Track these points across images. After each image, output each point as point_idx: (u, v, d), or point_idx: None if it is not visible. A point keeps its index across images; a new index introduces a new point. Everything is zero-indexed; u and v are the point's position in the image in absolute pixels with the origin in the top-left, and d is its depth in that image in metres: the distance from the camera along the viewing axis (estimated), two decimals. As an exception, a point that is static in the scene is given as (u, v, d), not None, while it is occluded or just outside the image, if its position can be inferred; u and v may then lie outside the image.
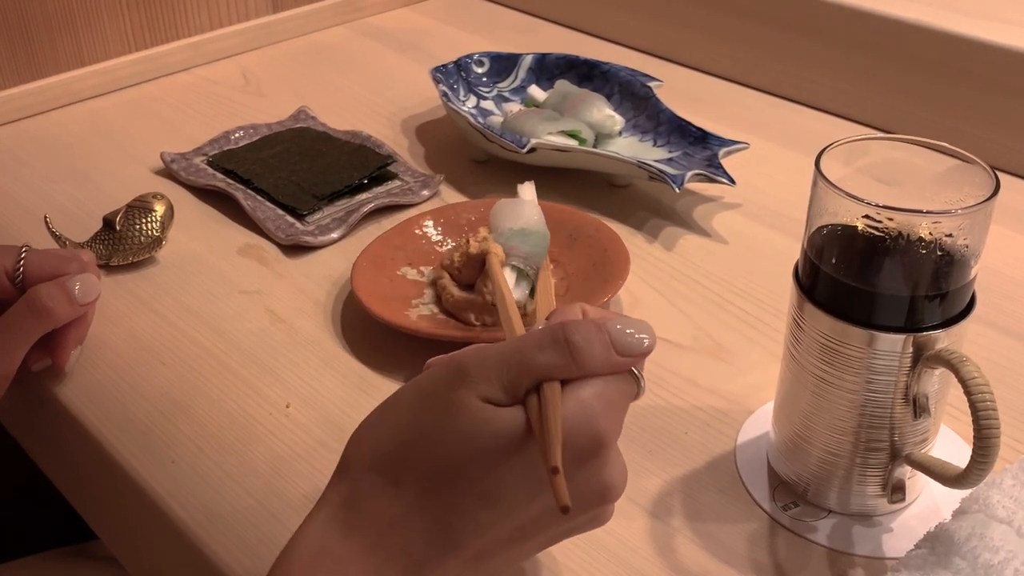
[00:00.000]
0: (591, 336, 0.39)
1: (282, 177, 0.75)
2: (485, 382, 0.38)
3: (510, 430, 0.38)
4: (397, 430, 0.40)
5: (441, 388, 0.39)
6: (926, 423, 0.46)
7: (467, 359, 0.39)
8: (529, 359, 0.39)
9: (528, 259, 0.58)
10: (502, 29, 1.06)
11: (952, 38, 0.79)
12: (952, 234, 0.42)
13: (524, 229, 0.59)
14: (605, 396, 0.39)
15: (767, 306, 0.64)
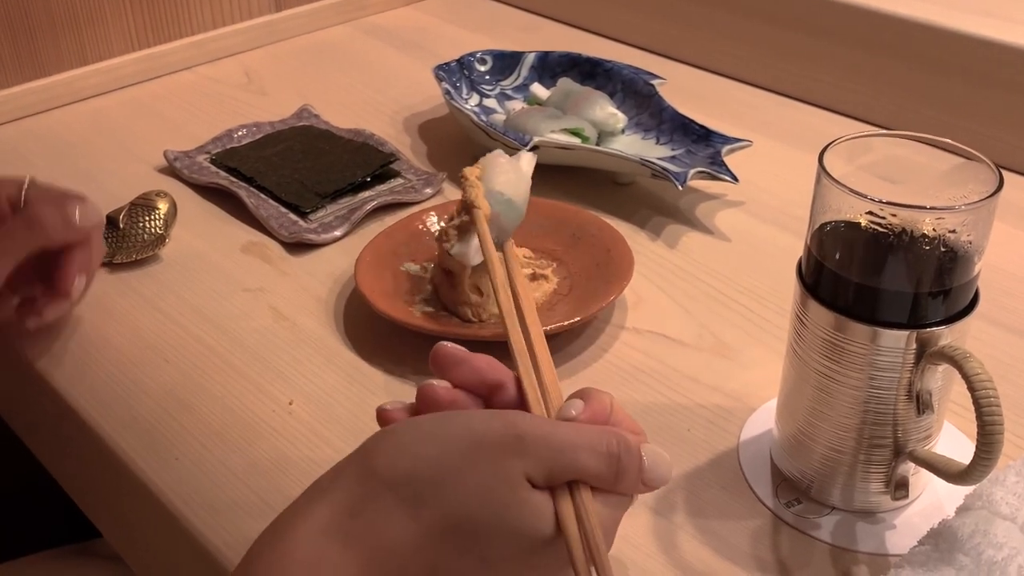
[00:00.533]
0: (636, 462, 0.40)
1: (285, 175, 0.75)
2: (536, 461, 0.38)
3: (541, 519, 0.38)
4: (437, 466, 0.38)
5: (495, 448, 0.38)
6: (929, 420, 0.46)
7: (527, 429, 0.39)
8: (582, 461, 0.39)
9: (500, 233, 0.55)
10: (505, 27, 1.06)
11: (957, 36, 0.79)
12: (956, 230, 0.42)
13: (510, 201, 0.56)
14: (615, 518, 0.41)
15: (770, 303, 0.64)
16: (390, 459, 0.39)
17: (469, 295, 0.61)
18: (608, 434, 0.40)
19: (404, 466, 0.39)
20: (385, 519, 0.38)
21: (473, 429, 0.39)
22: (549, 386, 0.44)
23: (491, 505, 0.38)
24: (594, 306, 0.60)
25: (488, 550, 0.38)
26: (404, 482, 0.38)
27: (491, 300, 0.61)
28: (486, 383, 0.44)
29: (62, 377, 0.59)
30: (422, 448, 0.39)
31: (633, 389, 0.57)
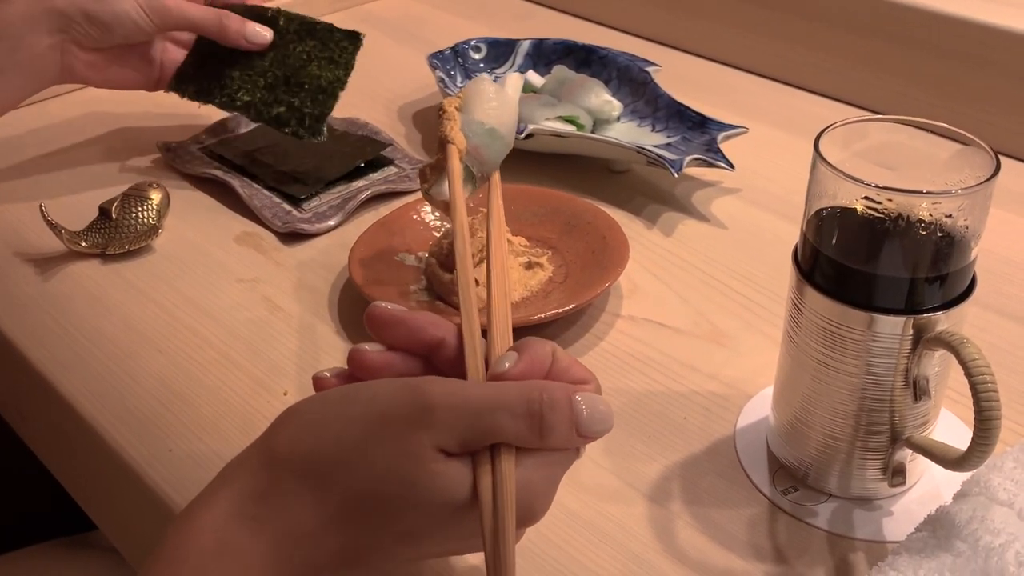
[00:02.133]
0: (563, 416, 0.38)
1: (278, 165, 0.75)
2: (447, 431, 0.37)
3: (455, 490, 0.37)
4: (339, 446, 0.37)
5: (400, 422, 0.37)
6: (926, 406, 0.46)
7: (434, 399, 0.37)
8: (498, 424, 0.37)
9: (482, 166, 0.53)
10: (499, 15, 1.05)
11: (955, 20, 0.78)
12: (952, 215, 0.42)
13: (493, 131, 0.53)
14: (551, 476, 0.39)
15: (766, 291, 0.64)
16: (292, 441, 0.38)
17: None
18: (529, 390, 0.38)
19: (307, 447, 0.38)
20: (290, 503, 0.37)
21: (377, 403, 0.38)
22: (499, 338, 0.42)
23: (398, 482, 0.37)
24: (589, 294, 0.59)
25: (401, 525, 0.37)
26: (307, 464, 0.37)
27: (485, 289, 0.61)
28: (425, 342, 0.42)
29: (55, 368, 0.58)
30: (325, 428, 0.38)
31: (629, 377, 0.57)
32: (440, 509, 0.37)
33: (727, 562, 0.46)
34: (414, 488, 0.36)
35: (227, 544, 0.36)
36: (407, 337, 0.42)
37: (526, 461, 0.38)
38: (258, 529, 0.37)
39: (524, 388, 0.38)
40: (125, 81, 0.74)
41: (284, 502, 0.37)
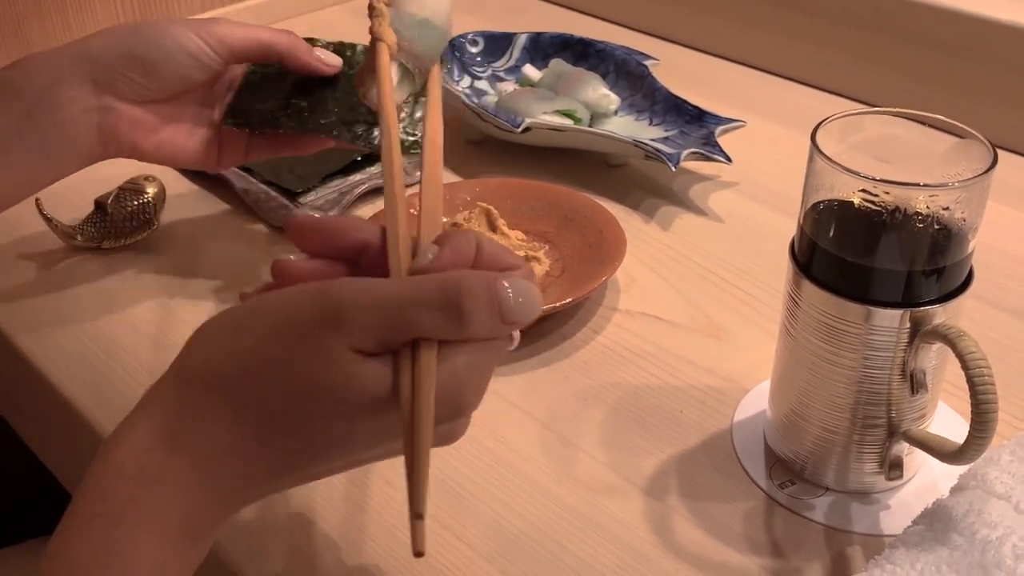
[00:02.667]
0: (482, 303, 0.36)
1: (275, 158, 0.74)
2: (361, 331, 0.35)
3: (375, 388, 0.36)
4: (252, 358, 0.36)
5: (310, 327, 0.35)
6: (923, 399, 0.46)
7: (346, 300, 0.35)
8: (413, 319, 0.35)
9: (419, 60, 0.50)
10: (496, 8, 1.05)
11: (951, 14, 0.78)
12: (949, 208, 0.42)
13: (427, 21, 0.51)
14: (478, 364, 0.37)
15: (763, 285, 0.64)
16: (205, 358, 0.37)
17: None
18: (444, 280, 0.36)
19: (219, 363, 0.37)
20: (209, 420, 0.36)
21: (287, 311, 0.36)
22: (424, 236, 0.40)
23: (315, 388, 0.35)
24: (586, 288, 0.59)
25: (327, 431, 0.36)
26: (221, 380, 0.36)
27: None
28: (348, 246, 0.40)
29: (50, 362, 0.58)
30: (236, 341, 0.37)
31: (625, 371, 0.57)
32: (363, 411, 0.36)
33: (724, 556, 0.46)
34: (333, 392, 0.35)
35: (149, 469, 0.36)
36: (329, 242, 0.41)
37: (451, 352, 0.36)
38: (179, 449, 0.36)
39: (439, 279, 0.36)
40: (181, 148, 0.59)
41: (203, 420, 0.36)
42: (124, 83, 0.55)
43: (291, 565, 0.46)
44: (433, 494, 0.49)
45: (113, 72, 0.55)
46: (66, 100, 0.54)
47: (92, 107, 0.55)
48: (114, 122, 0.56)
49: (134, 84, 0.55)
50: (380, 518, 0.48)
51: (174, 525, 0.36)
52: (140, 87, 0.56)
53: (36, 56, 0.55)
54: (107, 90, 0.55)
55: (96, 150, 0.56)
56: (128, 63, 0.55)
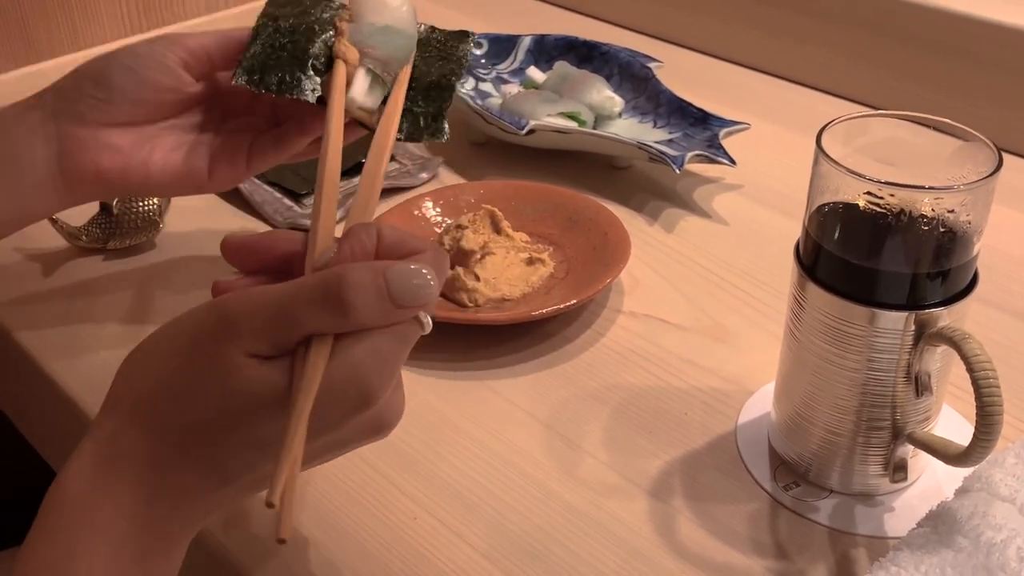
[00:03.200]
0: (368, 291, 0.37)
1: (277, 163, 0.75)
2: (252, 337, 0.37)
3: (274, 389, 0.37)
4: (159, 379, 0.38)
5: (207, 340, 0.37)
6: (928, 402, 0.46)
7: (235, 309, 0.37)
8: (299, 317, 0.37)
9: (388, 64, 0.51)
10: (500, 11, 1.05)
11: (957, 17, 0.78)
12: (954, 210, 0.42)
13: (388, 28, 0.51)
14: (379, 352, 0.37)
15: (768, 287, 0.64)
16: (127, 385, 0.39)
17: (465, 280, 0.60)
18: (326, 276, 0.37)
19: (137, 387, 0.39)
20: (137, 441, 0.38)
21: (187, 331, 0.38)
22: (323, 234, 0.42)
23: (223, 399, 0.37)
24: (591, 290, 0.59)
25: (245, 436, 0.37)
26: (138, 404, 0.38)
27: (487, 285, 0.61)
28: (279, 258, 0.42)
29: (55, 362, 0.58)
30: (148, 366, 0.39)
31: (630, 373, 0.57)
32: (267, 412, 0.37)
33: (728, 558, 0.46)
34: (236, 398, 0.37)
35: (91, 490, 0.37)
36: (262, 258, 0.42)
37: (349, 344, 0.37)
38: (115, 470, 0.37)
39: (322, 274, 0.38)
40: (157, 169, 0.54)
41: (131, 441, 0.38)
42: (84, 106, 0.52)
43: (294, 562, 0.47)
44: (436, 493, 0.49)
45: (71, 96, 0.52)
46: (23, 132, 0.52)
47: (51, 134, 0.52)
48: (74, 146, 0.52)
49: (95, 104, 0.52)
50: (384, 517, 0.48)
51: (120, 539, 0.37)
52: (102, 107, 0.52)
53: (5, 107, 0.53)
54: (67, 116, 0.52)
55: (57, 180, 0.52)
56: (85, 84, 0.52)
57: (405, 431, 0.53)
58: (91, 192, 0.54)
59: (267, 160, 0.57)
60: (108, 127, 0.52)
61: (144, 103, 0.53)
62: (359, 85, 0.51)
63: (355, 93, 0.51)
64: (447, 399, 0.55)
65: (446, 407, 0.55)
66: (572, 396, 0.55)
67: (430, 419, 0.54)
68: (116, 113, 0.52)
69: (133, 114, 0.53)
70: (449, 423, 0.54)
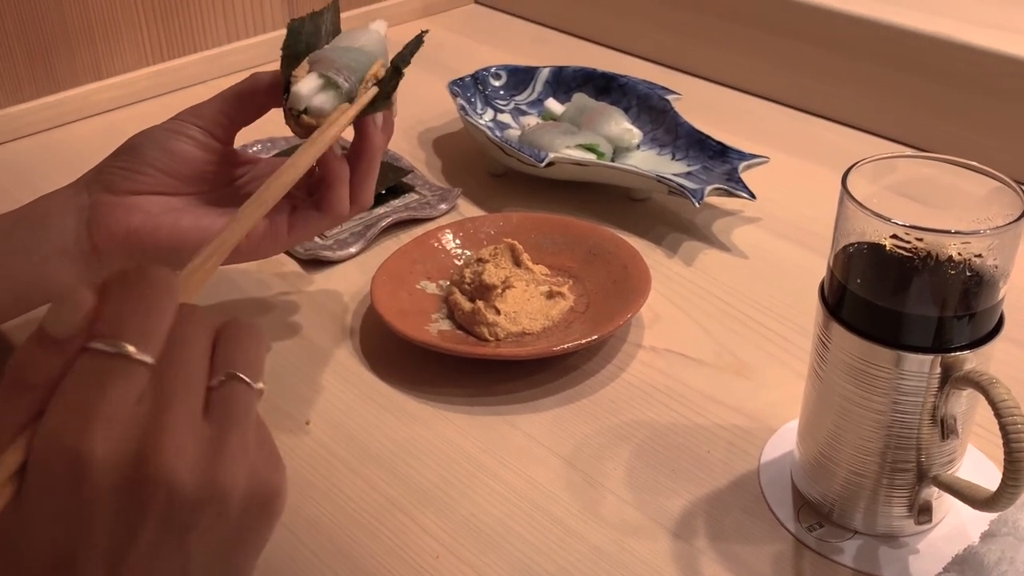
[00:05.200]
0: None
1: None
2: None
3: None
4: None
5: None
6: (953, 444, 0.46)
7: None
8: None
9: (339, 71, 0.52)
10: (519, 41, 1.06)
11: (976, 51, 0.78)
12: (981, 255, 0.42)
13: (348, 47, 0.53)
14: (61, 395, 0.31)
15: (789, 322, 0.63)
16: None
17: (485, 314, 0.60)
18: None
19: None
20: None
21: None
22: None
23: None
24: (611, 324, 0.59)
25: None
26: None
27: (508, 319, 0.61)
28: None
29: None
30: None
31: (652, 409, 0.57)
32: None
33: (752, 600, 0.46)
34: None
35: None
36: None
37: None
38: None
39: None
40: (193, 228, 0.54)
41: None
42: (115, 176, 0.54)
43: None
44: (457, 531, 0.49)
45: (103, 169, 0.55)
46: (56, 202, 0.54)
47: (83, 204, 0.54)
48: (104, 210, 0.53)
49: (125, 175, 0.54)
50: (406, 555, 0.48)
51: None
52: (132, 176, 0.54)
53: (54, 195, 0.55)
54: (98, 186, 0.54)
55: (84, 243, 0.53)
56: (116, 158, 0.55)
57: (425, 465, 0.53)
58: (120, 254, 0.54)
59: (310, 225, 0.56)
60: (139, 194, 0.54)
61: (173, 173, 0.55)
62: (306, 83, 0.53)
63: (298, 87, 0.53)
64: (467, 434, 0.55)
65: (466, 442, 0.55)
66: (593, 432, 0.55)
67: (450, 454, 0.54)
68: (146, 182, 0.54)
69: (163, 184, 0.55)
70: (469, 458, 0.54)
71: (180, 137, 0.55)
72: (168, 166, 0.54)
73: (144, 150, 0.54)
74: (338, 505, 0.51)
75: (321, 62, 0.54)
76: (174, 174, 0.55)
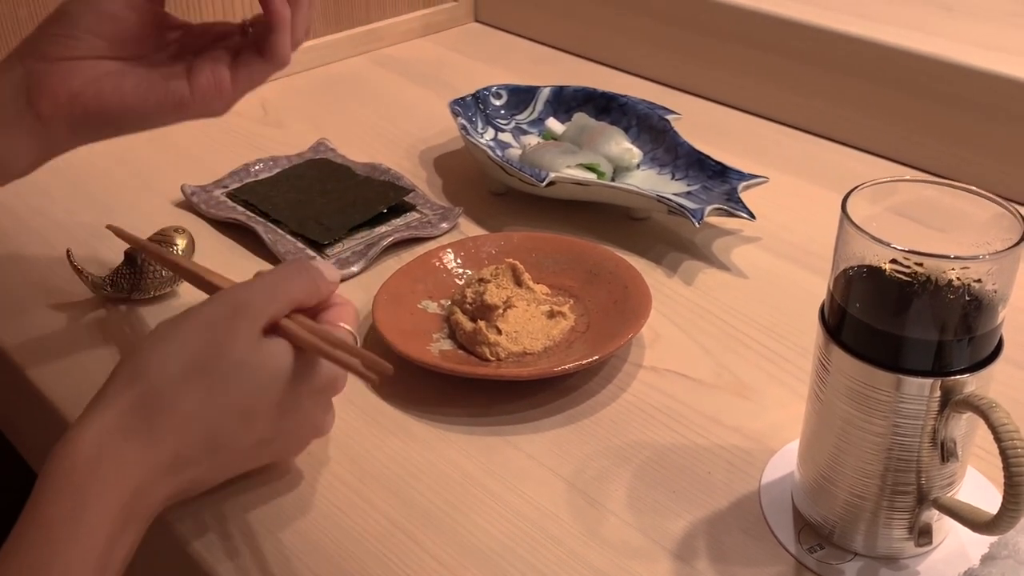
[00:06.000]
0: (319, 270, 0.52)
1: (301, 210, 0.75)
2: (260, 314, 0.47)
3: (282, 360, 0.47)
4: (182, 352, 0.46)
5: (222, 319, 0.47)
6: (953, 467, 0.46)
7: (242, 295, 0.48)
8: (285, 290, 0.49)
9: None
10: (519, 60, 1.06)
11: (978, 73, 0.79)
12: (981, 279, 0.42)
13: None
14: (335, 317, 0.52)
15: (788, 342, 0.64)
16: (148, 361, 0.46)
17: (487, 334, 0.61)
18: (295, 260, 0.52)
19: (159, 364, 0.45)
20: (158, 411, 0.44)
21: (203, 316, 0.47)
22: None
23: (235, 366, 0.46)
24: (612, 344, 0.60)
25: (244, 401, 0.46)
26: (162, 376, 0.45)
27: (509, 339, 0.61)
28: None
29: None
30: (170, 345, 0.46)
31: (652, 430, 0.57)
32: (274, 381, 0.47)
33: (753, 622, 0.46)
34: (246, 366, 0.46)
35: (106, 451, 0.43)
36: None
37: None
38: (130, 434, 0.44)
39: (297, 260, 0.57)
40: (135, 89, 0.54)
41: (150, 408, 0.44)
42: (48, 44, 0.52)
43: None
44: (459, 552, 0.49)
45: (35, 38, 0.53)
46: None
47: (18, 77, 0.52)
48: (41, 78, 0.52)
49: (58, 40, 0.52)
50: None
51: (127, 496, 0.43)
52: (65, 41, 0.52)
53: None
54: (32, 56, 0.52)
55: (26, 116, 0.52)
56: (47, 26, 0.53)
57: (426, 486, 0.53)
58: (68, 125, 0.53)
59: (254, 73, 0.56)
60: (75, 60, 0.52)
61: (108, 35, 0.53)
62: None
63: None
64: (468, 455, 0.55)
65: (467, 463, 0.55)
66: (594, 453, 0.55)
67: (451, 475, 0.54)
68: (80, 48, 0.52)
69: (99, 48, 0.53)
70: (471, 479, 0.54)
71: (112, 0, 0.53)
72: (102, 29, 0.53)
73: (77, 15, 0.52)
74: (339, 525, 0.51)
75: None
76: (108, 37, 0.53)
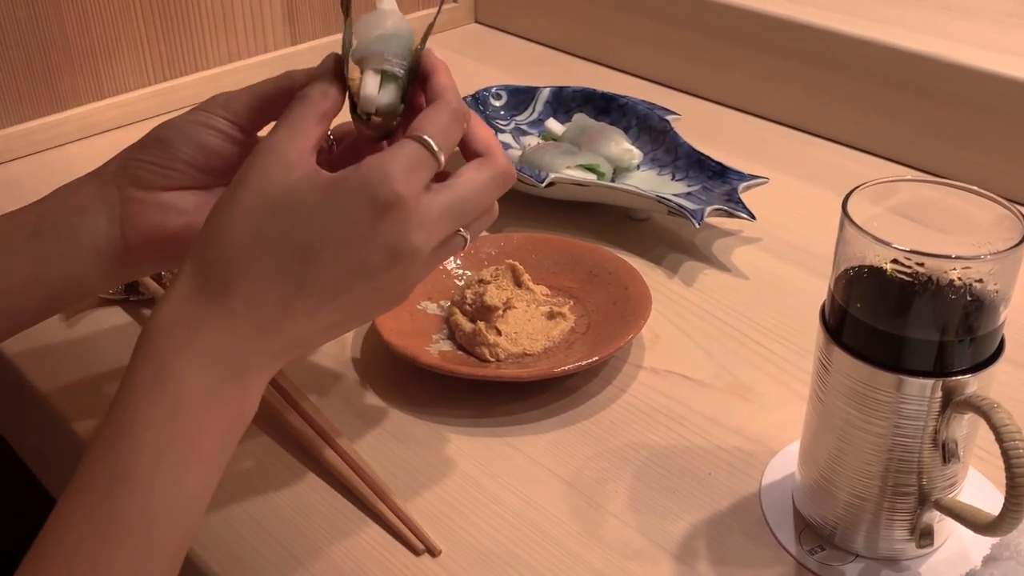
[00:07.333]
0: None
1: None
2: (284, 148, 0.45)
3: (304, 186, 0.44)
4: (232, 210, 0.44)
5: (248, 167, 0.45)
6: (955, 468, 0.46)
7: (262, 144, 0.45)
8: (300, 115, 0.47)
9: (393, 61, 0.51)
10: (519, 60, 1.06)
11: (977, 73, 0.79)
12: (982, 279, 0.42)
13: (383, 36, 0.52)
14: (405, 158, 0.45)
15: (788, 342, 0.64)
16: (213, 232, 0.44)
17: (487, 335, 0.60)
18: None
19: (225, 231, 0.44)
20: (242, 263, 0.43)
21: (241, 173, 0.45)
22: None
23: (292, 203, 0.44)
24: (612, 345, 0.59)
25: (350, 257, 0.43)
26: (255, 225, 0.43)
27: (508, 340, 0.61)
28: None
29: (79, 415, 0.59)
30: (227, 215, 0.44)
31: (653, 431, 0.57)
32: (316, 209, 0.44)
33: (754, 623, 0.46)
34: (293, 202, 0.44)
35: (186, 316, 0.42)
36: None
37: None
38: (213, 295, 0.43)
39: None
40: None
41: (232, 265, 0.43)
42: (144, 171, 0.52)
43: None
44: (459, 554, 0.49)
45: (131, 163, 0.52)
46: (82, 200, 0.52)
47: (112, 201, 0.52)
48: (136, 209, 0.51)
49: (154, 169, 0.52)
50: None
51: (218, 354, 0.42)
52: (161, 171, 0.52)
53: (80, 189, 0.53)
54: (127, 182, 0.52)
55: (118, 246, 0.52)
56: (144, 151, 0.52)
57: (425, 487, 0.53)
58: (156, 257, 0.53)
59: None
60: (170, 191, 0.52)
61: (204, 167, 0.52)
62: (369, 83, 0.51)
63: (366, 91, 0.50)
64: (468, 456, 0.55)
65: (467, 464, 0.55)
66: (594, 454, 0.55)
67: (451, 476, 0.54)
68: (177, 178, 0.52)
69: (194, 179, 0.52)
70: (470, 480, 0.54)
71: (209, 130, 0.52)
72: (199, 161, 0.52)
73: (174, 144, 0.52)
74: (340, 528, 0.51)
75: (370, 58, 0.51)
76: (205, 168, 0.52)
